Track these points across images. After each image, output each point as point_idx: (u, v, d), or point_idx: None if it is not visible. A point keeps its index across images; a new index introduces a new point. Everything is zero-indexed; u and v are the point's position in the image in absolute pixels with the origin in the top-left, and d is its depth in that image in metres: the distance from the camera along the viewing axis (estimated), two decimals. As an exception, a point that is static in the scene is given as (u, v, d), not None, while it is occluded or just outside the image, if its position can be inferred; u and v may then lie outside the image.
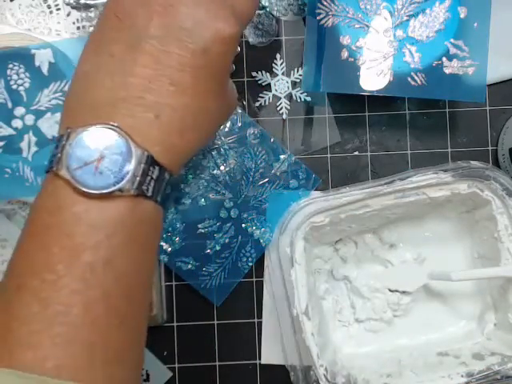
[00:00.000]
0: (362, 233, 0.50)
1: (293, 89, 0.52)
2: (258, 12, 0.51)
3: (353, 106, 0.52)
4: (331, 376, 0.43)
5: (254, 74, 0.52)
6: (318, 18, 0.47)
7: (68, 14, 0.51)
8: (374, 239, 0.50)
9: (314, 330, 0.43)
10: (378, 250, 0.50)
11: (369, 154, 0.52)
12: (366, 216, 0.46)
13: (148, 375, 0.50)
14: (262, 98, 0.52)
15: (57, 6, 0.51)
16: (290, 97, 0.52)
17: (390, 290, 0.50)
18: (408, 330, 0.49)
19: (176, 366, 0.51)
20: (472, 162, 0.46)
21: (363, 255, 0.50)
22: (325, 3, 0.47)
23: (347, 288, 0.50)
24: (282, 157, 0.51)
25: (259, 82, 0.52)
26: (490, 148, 0.52)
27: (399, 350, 0.48)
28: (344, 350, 0.48)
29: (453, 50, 0.47)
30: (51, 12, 0.51)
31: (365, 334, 0.50)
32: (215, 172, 0.50)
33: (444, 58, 0.47)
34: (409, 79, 0.47)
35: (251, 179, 0.50)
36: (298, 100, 0.52)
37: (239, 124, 0.50)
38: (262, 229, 0.50)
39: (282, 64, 0.52)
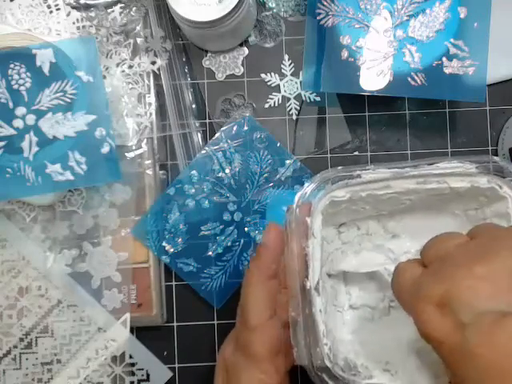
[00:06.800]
0: (368, 219, 0.49)
1: (302, 89, 0.52)
2: (264, 13, 0.52)
3: (353, 106, 0.52)
4: (333, 357, 0.43)
5: (262, 75, 0.52)
6: (318, 18, 0.47)
7: (68, 14, 0.51)
8: (378, 227, 0.49)
9: (322, 307, 0.43)
10: (380, 238, 0.49)
11: (369, 154, 0.52)
12: (385, 198, 0.45)
13: (148, 375, 0.50)
14: (272, 99, 0.52)
15: (57, 6, 0.51)
16: (299, 97, 0.52)
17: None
18: (404, 318, 0.49)
19: (176, 366, 0.51)
20: (495, 157, 0.45)
21: (364, 242, 0.50)
22: (325, 3, 0.47)
23: (345, 273, 0.50)
24: (287, 162, 0.51)
25: (268, 84, 0.52)
26: (490, 148, 0.52)
27: (396, 338, 0.48)
28: (337, 336, 0.48)
29: (453, 50, 0.47)
30: (51, 12, 0.51)
31: (360, 321, 0.49)
32: (220, 175, 0.50)
33: (444, 58, 0.47)
34: (409, 79, 0.47)
35: (256, 183, 0.50)
36: (308, 100, 0.52)
37: (246, 128, 0.50)
38: None
39: (290, 64, 0.52)
